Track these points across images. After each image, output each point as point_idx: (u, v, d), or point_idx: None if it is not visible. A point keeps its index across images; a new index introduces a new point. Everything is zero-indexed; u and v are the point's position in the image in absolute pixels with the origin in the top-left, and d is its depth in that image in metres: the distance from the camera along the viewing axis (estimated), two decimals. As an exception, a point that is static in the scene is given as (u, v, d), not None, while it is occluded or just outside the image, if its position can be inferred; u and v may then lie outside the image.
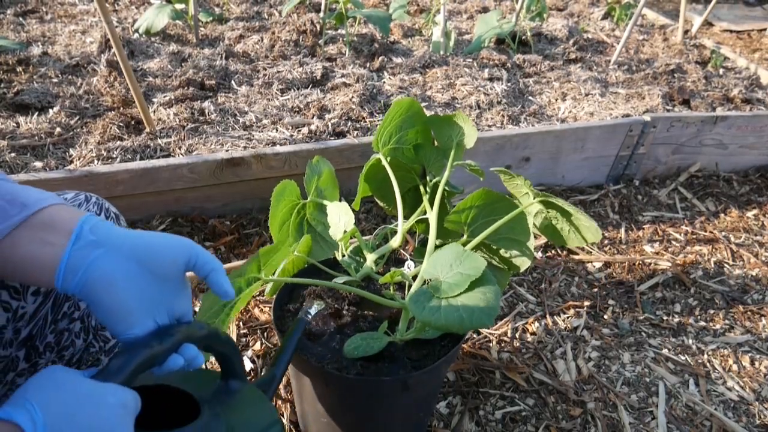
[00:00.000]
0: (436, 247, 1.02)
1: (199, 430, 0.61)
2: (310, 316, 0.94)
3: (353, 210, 1.07)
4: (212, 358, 0.94)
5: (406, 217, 1.17)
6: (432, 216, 1.07)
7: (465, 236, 1.06)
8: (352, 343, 0.96)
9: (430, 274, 0.92)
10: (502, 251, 1.07)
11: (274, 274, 1.01)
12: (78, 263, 0.59)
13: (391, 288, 1.12)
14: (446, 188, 1.15)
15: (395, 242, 1.08)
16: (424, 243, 1.08)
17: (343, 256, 1.09)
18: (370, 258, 1.05)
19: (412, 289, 0.97)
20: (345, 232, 1.03)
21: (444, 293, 0.86)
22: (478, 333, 1.47)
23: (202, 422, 0.62)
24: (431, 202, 1.10)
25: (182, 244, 0.64)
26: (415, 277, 1.02)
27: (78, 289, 0.59)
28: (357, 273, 1.04)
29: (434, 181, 1.17)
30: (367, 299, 1.01)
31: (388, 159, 1.16)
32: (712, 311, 1.63)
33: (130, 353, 0.58)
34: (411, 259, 1.13)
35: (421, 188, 1.18)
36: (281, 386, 1.29)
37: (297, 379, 1.09)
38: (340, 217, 1.06)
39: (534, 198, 1.05)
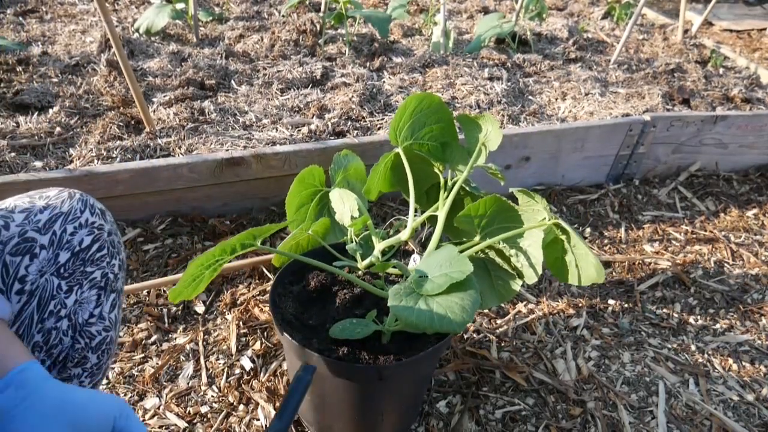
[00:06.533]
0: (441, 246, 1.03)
1: None
2: (310, 376, 0.93)
3: (369, 201, 1.08)
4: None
5: (425, 210, 1.18)
6: (441, 214, 1.08)
7: (478, 237, 1.07)
8: (339, 325, 0.99)
9: (422, 271, 0.93)
10: (513, 259, 1.06)
11: (268, 243, 1.03)
12: None
13: (382, 278, 1.13)
14: (467, 188, 1.16)
15: (404, 235, 1.09)
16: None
17: (352, 242, 1.10)
18: (378, 248, 1.06)
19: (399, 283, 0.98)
20: (352, 217, 1.04)
21: (425, 291, 0.87)
22: (478, 333, 1.47)
23: None
24: (445, 201, 1.10)
25: (113, 403, 0.60)
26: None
27: None
28: (362, 260, 1.05)
29: (454, 180, 1.17)
30: (369, 290, 1.03)
31: (407, 153, 1.16)
32: (712, 311, 1.63)
33: None
34: (418, 254, 1.13)
35: (441, 185, 1.19)
36: (282, 382, 1.29)
37: (288, 355, 1.14)
38: (344, 203, 1.07)
39: (549, 220, 1.04)
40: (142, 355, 1.35)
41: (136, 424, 0.61)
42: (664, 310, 1.61)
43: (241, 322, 1.43)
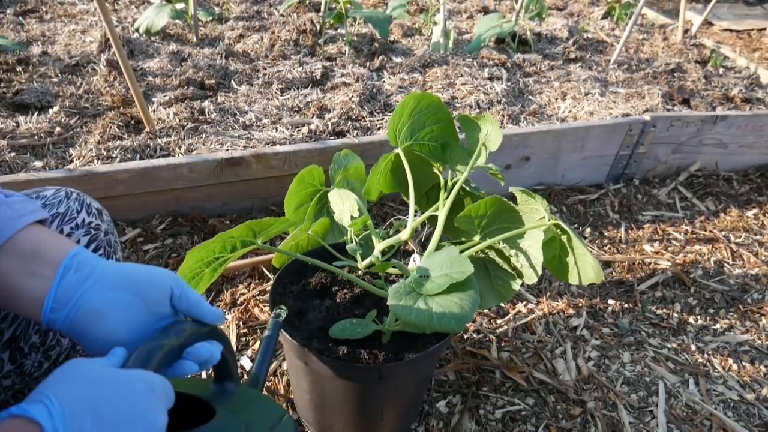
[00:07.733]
0: (442, 245, 1.03)
1: (220, 428, 0.60)
2: (281, 318, 0.94)
3: (369, 201, 1.08)
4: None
5: (424, 212, 1.18)
6: (441, 215, 1.08)
7: (477, 237, 1.07)
8: (339, 324, 0.99)
9: (423, 271, 0.93)
10: (513, 259, 1.07)
11: (268, 243, 1.03)
12: (66, 297, 0.58)
13: (382, 278, 1.13)
14: (467, 188, 1.16)
15: (404, 235, 1.09)
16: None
17: (352, 242, 1.10)
18: (378, 248, 1.06)
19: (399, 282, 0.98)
20: (352, 217, 1.04)
21: (425, 290, 0.87)
22: (478, 333, 1.47)
23: (220, 421, 0.61)
24: (445, 201, 1.11)
25: (166, 273, 0.64)
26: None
27: (66, 323, 0.58)
28: (362, 260, 1.05)
29: (454, 180, 1.17)
30: (369, 290, 1.03)
31: (407, 154, 1.16)
32: (712, 311, 1.63)
33: (153, 344, 0.57)
34: (418, 254, 1.13)
35: (442, 185, 1.19)
36: (282, 382, 1.29)
37: (288, 355, 1.13)
38: (343, 203, 1.07)
39: (549, 220, 1.04)
40: (142, 355, 1.35)
41: (190, 290, 0.64)
42: (664, 310, 1.61)
43: (241, 322, 1.43)
